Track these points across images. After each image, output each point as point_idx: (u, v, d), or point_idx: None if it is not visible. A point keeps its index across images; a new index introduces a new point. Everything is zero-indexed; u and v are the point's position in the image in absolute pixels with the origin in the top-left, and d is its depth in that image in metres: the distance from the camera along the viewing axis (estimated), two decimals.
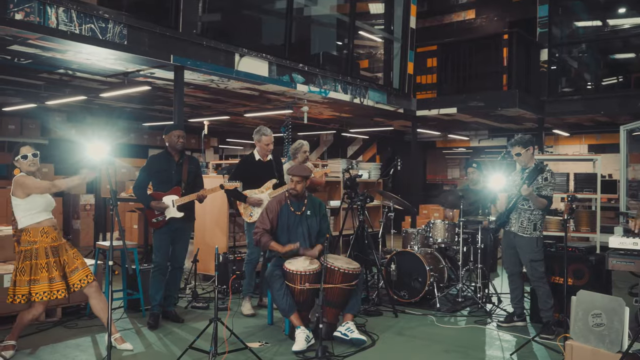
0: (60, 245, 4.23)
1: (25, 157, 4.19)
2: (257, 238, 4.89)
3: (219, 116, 11.04)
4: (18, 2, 4.84)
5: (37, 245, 4.11)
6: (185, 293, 6.24)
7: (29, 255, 4.09)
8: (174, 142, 5.08)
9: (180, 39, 6.21)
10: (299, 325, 4.54)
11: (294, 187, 4.90)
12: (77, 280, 4.21)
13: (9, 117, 10.48)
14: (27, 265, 4.07)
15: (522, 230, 5.07)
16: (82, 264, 4.28)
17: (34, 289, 4.05)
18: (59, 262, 4.17)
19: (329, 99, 8.59)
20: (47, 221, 4.20)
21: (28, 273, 4.06)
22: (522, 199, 5.04)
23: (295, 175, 4.89)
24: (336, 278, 4.64)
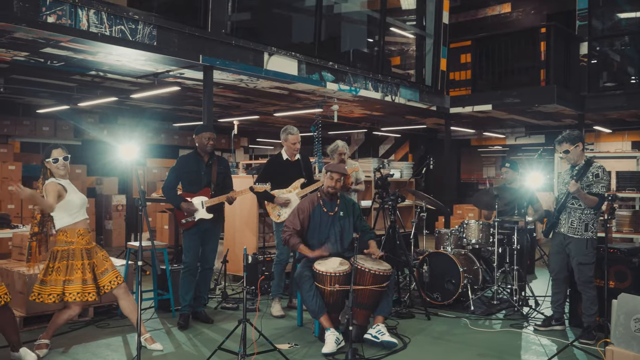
0: (92, 248, 4.33)
1: (56, 160, 4.30)
2: (285, 238, 4.90)
3: (248, 116, 11.14)
4: (50, 5, 4.99)
5: (73, 246, 4.21)
6: (215, 294, 6.32)
7: (66, 255, 4.19)
8: (204, 144, 5.14)
9: (209, 38, 6.29)
10: (329, 327, 4.54)
11: (333, 185, 4.90)
12: (107, 282, 4.28)
13: (43, 119, 10.79)
14: (64, 265, 4.17)
15: (573, 231, 4.94)
16: (111, 266, 4.36)
17: (68, 289, 4.15)
18: (92, 265, 4.26)
19: (359, 97, 8.57)
20: (82, 222, 4.30)
21: (64, 273, 4.16)
22: (572, 198, 4.92)
23: (335, 172, 4.90)
24: (366, 279, 4.63)
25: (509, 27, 12.78)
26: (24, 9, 4.82)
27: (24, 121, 10.54)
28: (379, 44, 8.84)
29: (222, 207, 5.27)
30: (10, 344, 4.11)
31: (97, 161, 11.35)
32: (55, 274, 4.17)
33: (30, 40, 5.45)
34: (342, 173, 4.92)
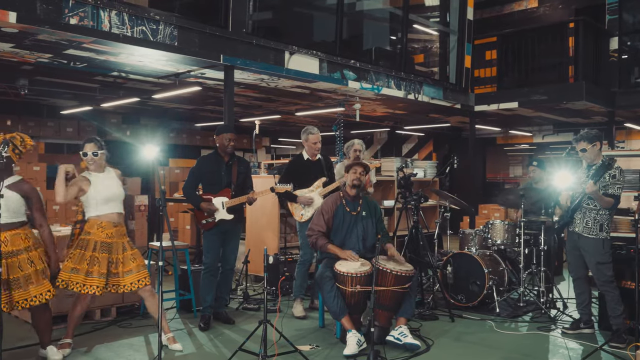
0: (114, 242, 4.35)
1: (85, 154, 4.41)
2: (312, 240, 4.89)
3: (270, 115, 11.19)
4: (73, 7, 5.08)
5: (89, 237, 4.29)
6: (237, 294, 6.36)
7: (82, 244, 4.30)
8: (225, 145, 5.18)
9: (230, 38, 6.34)
10: (351, 328, 4.54)
11: (357, 177, 4.90)
12: (129, 283, 4.32)
13: (67, 120, 11.00)
14: (77, 254, 4.28)
15: (588, 231, 4.88)
16: (137, 267, 4.36)
17: (72, 277, 4.22)
18: (105, 259, 4.29)
19: (381, 96, 8.55)
20: (108, 216, 4.35)
21: (73, 261, 4.26)
22: (587, 198, 4.85)
23: (357, 165, 4.91)
24: (388, 280, 4.61)
25: (536, 22, 12.59)
26: (47, 11, 4.93)
27: (48, 122, 10.76)
28: (402, 41, 8.80)
29: (242, 207, 5.31)
30: (41, 342, 4.22)
31: (120, 161, 11.49)
32: (68, 260, 4.29)
33: (54, 42, 5.56)
34: (364, 166, 4.94)
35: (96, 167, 4.43)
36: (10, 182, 4.07)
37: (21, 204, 4.10)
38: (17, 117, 10.29)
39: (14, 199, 4.03)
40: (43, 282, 4.01)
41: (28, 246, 4.04)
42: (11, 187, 4.05)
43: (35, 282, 3.98)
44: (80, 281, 4.21)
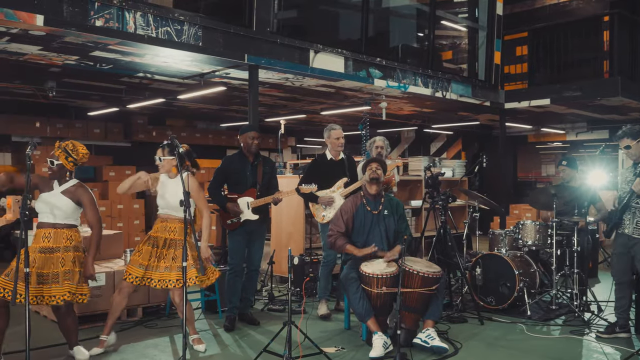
0: (159, 237, 4.49)
1: (157, 159, 4.63)
2: (331, 241, 4.92)
3: (295, 115, 11.24)
4: (98, 9, 5.18)
5: (150, 232, 4.60)
6: (262, 295, 6.40)
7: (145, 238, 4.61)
8: (249, 144, 5.22)
9: (254, 37, 6.38)
10: (377, 330, 4.53)
11: (374, 171, 4.90)
12: (157, 280, 4.38)
13: (94, 121, 11.21)
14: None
15: (638, 232, 4.76)
16: (176, 267, 4.36)
17: (130, 269, 4.47)
18: (148, 252, 4.45)
19: (408, 94, 8.51)
20: (165, 215, 4.57)
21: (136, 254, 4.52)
22: (636, 197, 4.74)
23: (373, 162, 4.91)
24: (415, 282, 4.59)
25: (569, 16, 12.36)
26: (73, 14, 5.03)
27: (76, 124, 10.98)
28: (429, 38, 8.74)
29: (267, 207, 5.34)
30: (68, 342, 4.33)
31: (146, 162, 11.68)
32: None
33: (80, 44, 5.68)
34: (378, 161, 4.92)
35: (165, 170, 4.60)
36: (65, 188, 4.23)
37: (74, 209, 4.24)
38: (46, 119, 10.52)
39: (67, 205, 4.19)
40: (64, 283, 4.08)
41: (67, 246, 4.14)
42: (65, 193, 4.22)
43: (59, 282, 4.07)
44: (128, 269, 4.46)
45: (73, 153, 4.22)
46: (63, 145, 4.23)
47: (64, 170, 4.24)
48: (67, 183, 4.26)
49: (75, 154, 4.23)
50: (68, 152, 4.20)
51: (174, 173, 4.60)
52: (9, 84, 8.27)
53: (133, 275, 4.41)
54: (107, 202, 10.09)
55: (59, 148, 4.21)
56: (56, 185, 4.27)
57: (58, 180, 4.27)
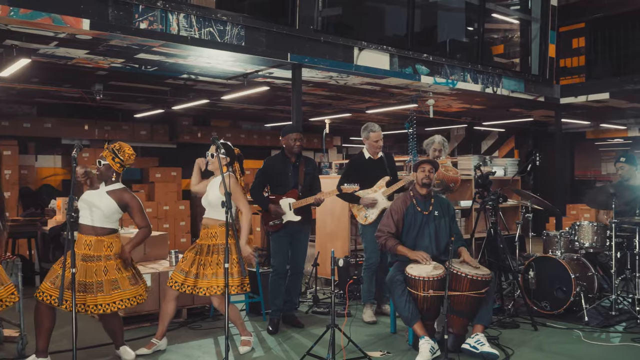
0: (203, 244, 4.57)
1: (206, 154, 4.74)
2: (382, 242, 4.87)
3: (340, 114, 11.25)
4: (142, 12, 5.34)
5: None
6: (306, 298, 6.44)
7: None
8: (291, 145, 5.26)
9: (297, 36, 6.44)
10: (423, 335, 4.49)
11: (427, 175, 4.85)
12: (205, 288, 4.45)
13: (140, 123, 11.54)
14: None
15: None
16: (217, 274, 4.42)
17: (175, 275, 4.57)
18: (191, 258, 4.54)
19: (457, 90, 8.40)
20: (206, 219, 4.67)
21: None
22: None
23: (425, 163, 4.85)
24: (463, 285, 4.52)
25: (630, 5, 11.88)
26: (118, 17, 5.21)
27: (123, 126, 11.33)
28: (479, 31, 8.60)
29: (310, 208, 5.36)
30: (115, 343, 4.47)
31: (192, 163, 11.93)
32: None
33: (125, 47, 5.86)
34: (430, 162, 4.86)
35: (213, 168, 4.71)
36: (111, 189, 4.36)
37: (115, 211, 4.33)
38: (94, 122, 10.90)
39: (109, 206, 4.30)
40: (112, 292, 4.18)
41: (108, 255, 4.26)
42: (110, 194, 4.33)
43: (104, 292, 4.18)
44: (173, 277, 4.57)
45: (120, 154, 4.35)
46: (111, 146, 4.37)
47: (111, 171, 4.36)
48: (114, 185, 4.38)
49: (122, 154, 4.36)
50: (115, 152, 4.34)
51: (219, 172, 4.64)
52: (59, 87, 8.61)
53: (173, 281, 4.54)
54: (153, 203, 10.37)
55: (107, 149, 4.36)
56: (102, 185, 4.39)
57: (105, 182, 4.39)
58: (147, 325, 5.34)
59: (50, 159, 10.84)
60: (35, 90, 8.76)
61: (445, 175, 5.82)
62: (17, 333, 4.67)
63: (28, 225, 7.52)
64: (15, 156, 9.51)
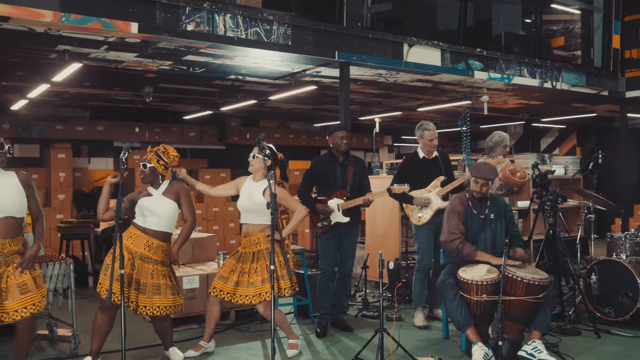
0: (246, 253, 4.60)
1: (253, 156, 4.73)
2: (457, 247, 4.66)
3: (390, 112, 11.20)
4: (189, 13, 5.48)
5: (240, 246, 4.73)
6: (356, 301, 6.44)
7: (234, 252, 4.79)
8: (338, 144, 5.27)
9: (345, 33, 6.46)
10: (477, 340, 4.41)
11: (479, 190, 4.75)
12: (252, 295, 4.48)
13: (189, 125, 11.81)
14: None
15: None
16: (261, 281, 4.46)
17: (215, 282, 4.65)
18: (233, 266, 4.60)
19: (513, 86, 8.24)
20: (245, 228, 4.69)
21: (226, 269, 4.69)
22: None
23: (480, 178, 4.73)
24: (519, 289, 4.42)
25: None
26: (166, 19, 5.36)
27: (173, 128, 11.62)
28: (536, 23, 8.41)
29: (359, 210, 5.36)
30: (164, 344, 4.60)
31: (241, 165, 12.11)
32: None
33: (173, 49, 6.02)
34: (487, 178, 4.73)
35: (254, 170, 4.72)
36: (163, 189, 4.49)
37: (176, 210, 4.47)
38: (144, 124, 11.23)
39: (170, 206, 4.42)
40: (153, 297, 4.30)
41: (163, 261, 4.40)
42: (165, 194, 4.46)
43: (147, 294, 4.30)
44: (217, 286, 4.60)
45: (164, 156, 4.46)
46: (154, 149, 4.49)
47: (156, 173, 4.47)
48: (163, 185, 4.50)
49: (166, 156, 4.47)
50: (159, 155, 4.45)
51: (260, 175, 4.68)
52: (109, 91, 8.92)
53: (212, 286, 4.64)
54: (202, 205, 10.59)
55: (151, 152, 4.48)
56: (152, 190, 4.50)
57: (151, 185, 4.51)
58: (195, 326, 5.47)
59: (103, 162, 11.23)
60: (88, 94, 9.12)
61: (510, 179, 5.61)
62: (70, 332, 4.86)
63: (81, 226, 7.81)
64: (69, 159, 9.90)
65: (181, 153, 11.91)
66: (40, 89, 7.74)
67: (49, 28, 5.17)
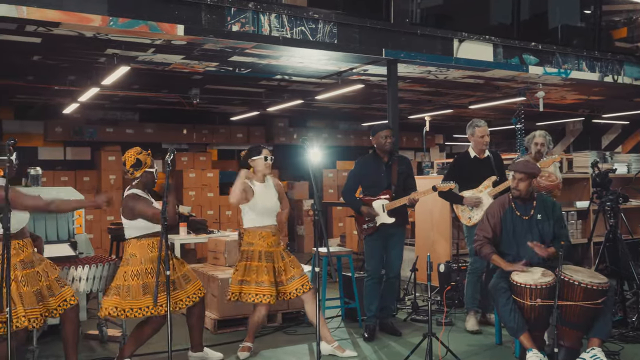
0: (275, 251, 4.70)
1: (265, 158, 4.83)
2: (477, 247, 4.73)
3: (441, 110, 11.09)
4: (234, 14, 5.58)
5: (253, 248, 4.67)
6: (405, 304, 6.41)
7: (246, 255, 4.69)
8: (382, 143, 5.26)
9: (392, 30, 6.45)
10: (531, 347, 4.31)
11: (515, 186, 4.66)
12: (293, 289, 4.63)
13: (236, 126, 12.00)
14: (242, 266, 4.67)
15: None
16: (299, 273, 4.67)
17: (244, 289, 4.63)
18: (271, 268, 4.64)
19: (570, 80, 8.05)
20: (267, 226, 4.72)
21: (241, 273, 4.65)
22: None
23: (518, 172, 4.65)
24: (576, 294, 4.29)
25: None
26: (211, 21, 5.47)
27: (220, 129, 11.84)
28: (595, 14, 8.17)
29: (405, 210, 5.32)
30: (192, 344, 4.63)
31: (288, 166, 12.24)
32: (234, 272, 4.71)
33: (218, 50, 6.15)
34: (524, 172, 4.61)
35: (268, 172, 4.85)
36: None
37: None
38: (192, 126, 11.48)
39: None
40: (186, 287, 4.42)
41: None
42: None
43: (192, 280, 4.46)
44: (252, 292, 4.60)
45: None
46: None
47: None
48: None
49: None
50: None
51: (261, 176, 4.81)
52: (157, 93, 9.17)
53: (267, 295, 4.60)
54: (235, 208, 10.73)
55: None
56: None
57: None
58: (243, 329, 5.54)
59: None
60: (136, 96, 9.39)
61: (538, 184, 5.47)
62: (119, 333, 5.01)
63: None
64: (119, 161, 10.22)
65: (229, 155, 12.26)
66: (90, 93, 8.03)
67: (97, 32, 5.37)
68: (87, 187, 10.15)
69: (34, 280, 3.85)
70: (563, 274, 4.31)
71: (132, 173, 4.41)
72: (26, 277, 3.80)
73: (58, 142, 10.85)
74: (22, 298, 3.74)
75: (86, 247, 5.56)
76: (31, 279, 3.83)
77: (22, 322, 3.68)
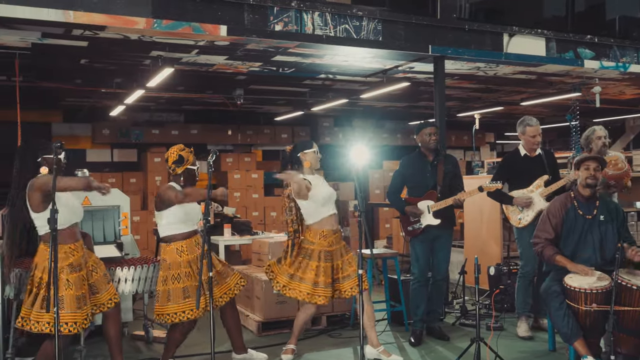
0: (335, 250, 4.71)
1: (316, 152, 4.92)
2: (538, 250, 4.62)
3: (491, 107, 10.93)
4: (277, 13, 5.64)
5: (313, 247, 4.67)
6: (454, 308, 6.34)
7: (305, 253, 4.70)
8: (426, 141, 5.21)
9: (439, 26, 6.40)
10: (586, 354, 4.21)
11: (592, 175, 4.54)
12: (349, 288, 4.63)
13: (281, 126, 12.11)
14: (298, 262, 4.69)
15: None
16: (354, 272, 4.63)
17: (291, 284, 4.64)
18: (329, 267, 4.65)
19: (630, 74, 7.83)
20: (327, 222, 4.73)
21: (295, 268, 4.68)
22: None
23: (590, 160, 4.53)
24: (634, 299, 4.17)
25: None
26: (254, 21, 5.55)
27: (265, 130, 11.96)
28: None
29: (452, 211, 5.25)
30: (235, 346, 4.69)
31: (333, 166, 12.27)
32: (287, 265, 4.73)
33: (261, 50, 6.22)
34: (597, 159, 4.52)
35: (317, 167, 4.92)
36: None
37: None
38: (236, 127, 11.64)
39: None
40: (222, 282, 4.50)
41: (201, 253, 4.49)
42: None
43: (230, 274, 4.56)
44: (309, 291, 4.59)
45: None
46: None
47: None
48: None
49: None
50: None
51: (310, 169, 4.85)
52: (202, 94, 9.34)
53: (322, 297, 4.58)
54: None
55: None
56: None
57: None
58: (286, 331, 5.59)
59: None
60: (181, 98, 9.59)
61: (605, 173, 5.30)
62: (164, 334, 5.14)
63: None
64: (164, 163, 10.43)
65: (273, 156, 12.37)
66: (136, 95, 8.24)
67: (142, 35, 5.51)
68: (133, 188, 10.42)
69: (80, 283, 3.94)
70: (620, 278, 4.19)
71: (174, 170, 4.51)
72: (73, 280, 3.90)
73: (105, 144, 11.17)
74: (65, 301, 3.81)
75: (132, 248, 5.70)
76: (77, 282, 3.92)
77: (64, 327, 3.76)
